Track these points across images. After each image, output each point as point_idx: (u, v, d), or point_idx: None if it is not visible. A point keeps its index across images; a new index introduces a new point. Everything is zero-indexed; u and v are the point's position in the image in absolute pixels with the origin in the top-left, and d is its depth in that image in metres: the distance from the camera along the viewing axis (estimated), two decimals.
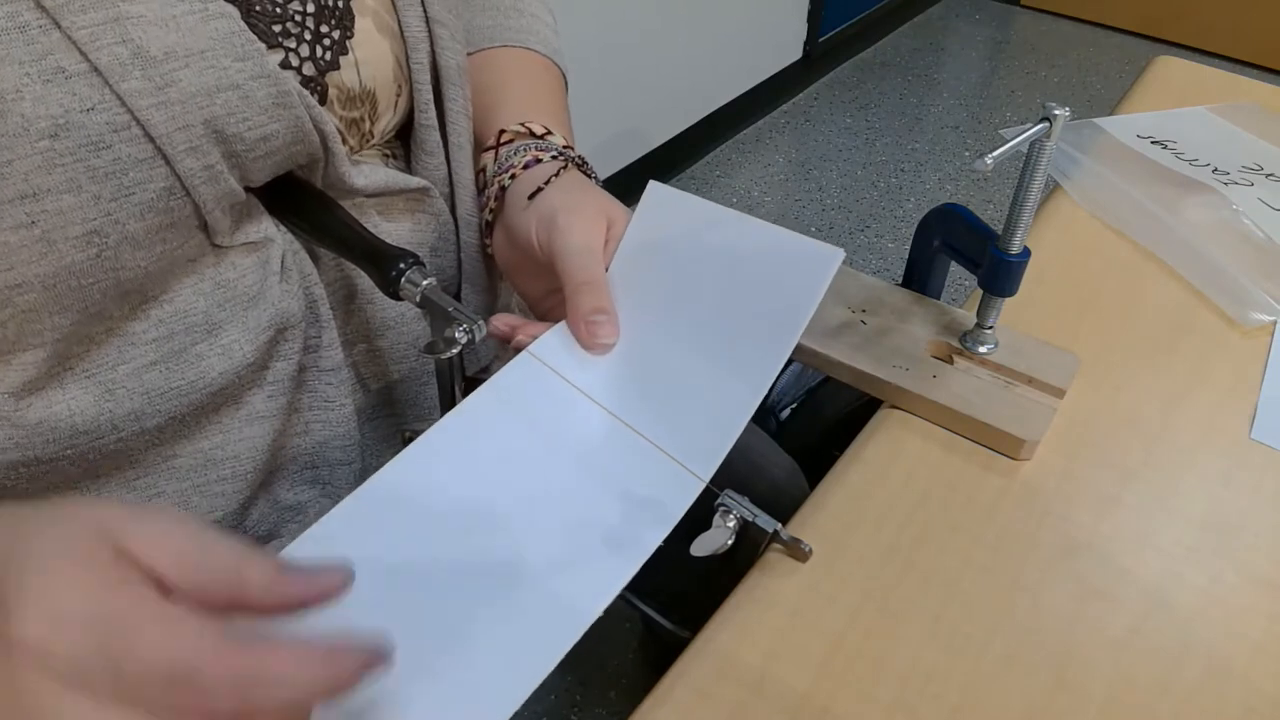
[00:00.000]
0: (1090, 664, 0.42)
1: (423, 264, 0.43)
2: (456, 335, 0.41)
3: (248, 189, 0.42)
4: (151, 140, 0.36)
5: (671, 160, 2.12)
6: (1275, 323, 0.61)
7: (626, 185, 2.00)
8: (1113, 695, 0.41)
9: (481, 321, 0.41)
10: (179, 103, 0.36)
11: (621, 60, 1.86)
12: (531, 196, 0.48)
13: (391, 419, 0.54)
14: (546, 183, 0.48)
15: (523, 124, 0.53)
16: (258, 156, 0.40)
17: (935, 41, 2.81)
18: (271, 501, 0.49)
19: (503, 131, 0.53)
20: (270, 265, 0.43)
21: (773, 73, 2.37)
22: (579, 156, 0.53)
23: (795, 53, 2.44)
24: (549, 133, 0.54)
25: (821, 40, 2.50)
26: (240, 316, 0.43)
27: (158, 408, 0.41)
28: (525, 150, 0.51)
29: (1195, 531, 0.48)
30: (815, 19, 2.43)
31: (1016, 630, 0.43)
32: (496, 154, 0.53)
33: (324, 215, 0.45)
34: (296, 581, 0.28)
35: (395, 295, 0.43)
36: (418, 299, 0.42)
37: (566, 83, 0.63)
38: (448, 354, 0.41)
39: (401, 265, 0.42)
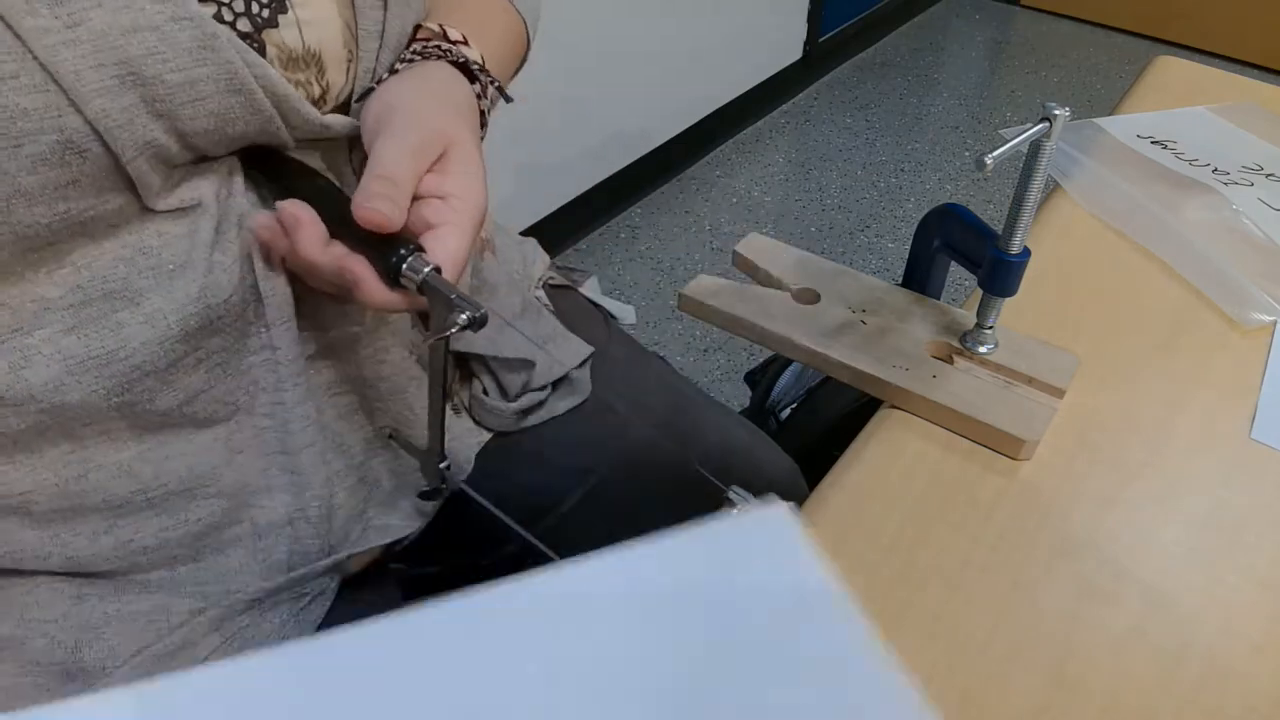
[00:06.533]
0: (1090, 663, 0.42)
1: (423, 250, 0.41)
2: (459, 320, 0.40)
3: (209, 159, 0.40)
4: (47, 91, 0.34)
5: (671, 160, 2.12)
6: (1275, 323, 0.61)
7: (627, 185, 2.00)
8: (1113, 695, 0.41)
9: (485, 309, 0.41)
10: (89, 41, 0.35)
11: (622, 60, 1.86)
12: (391, 70, 0.45)
13: (369, 415, 0.54)
14: (408, 62, 0.45)
15: (440, 25, 0.50)
16: (185, 103, 0.38)
17: (935, 41, 2.81)
18: (236, 489, 0.48)
19: (419, 26, 0.51)
20: (199, 235, 0.42)
21: (773, 73, 2.37)
22: (494, 80, 0.50)
23: (795, 53, 2.44)
24: (465, 42, 0.51)
25: (821, 40, 2.50)
26: (164, 286, 0.41)
27: (78, 379, 0.40)
28: (432, 53, 0.49)
29: (1195, 531, 0.48)
30: (815, 19, 2.42)
31: (1016, 630, 0.43)
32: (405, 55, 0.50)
33: (325, 198, 0.43)
34: None
35: (395, 281, 0.42)
36: (418, 286, 0.41)
37: (530, 40, 0.60)
38: (446, 334, 0.40)
39: (402, 251, 0.41)
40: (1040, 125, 0.46)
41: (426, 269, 0.41)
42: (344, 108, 0.49)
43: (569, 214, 1.86)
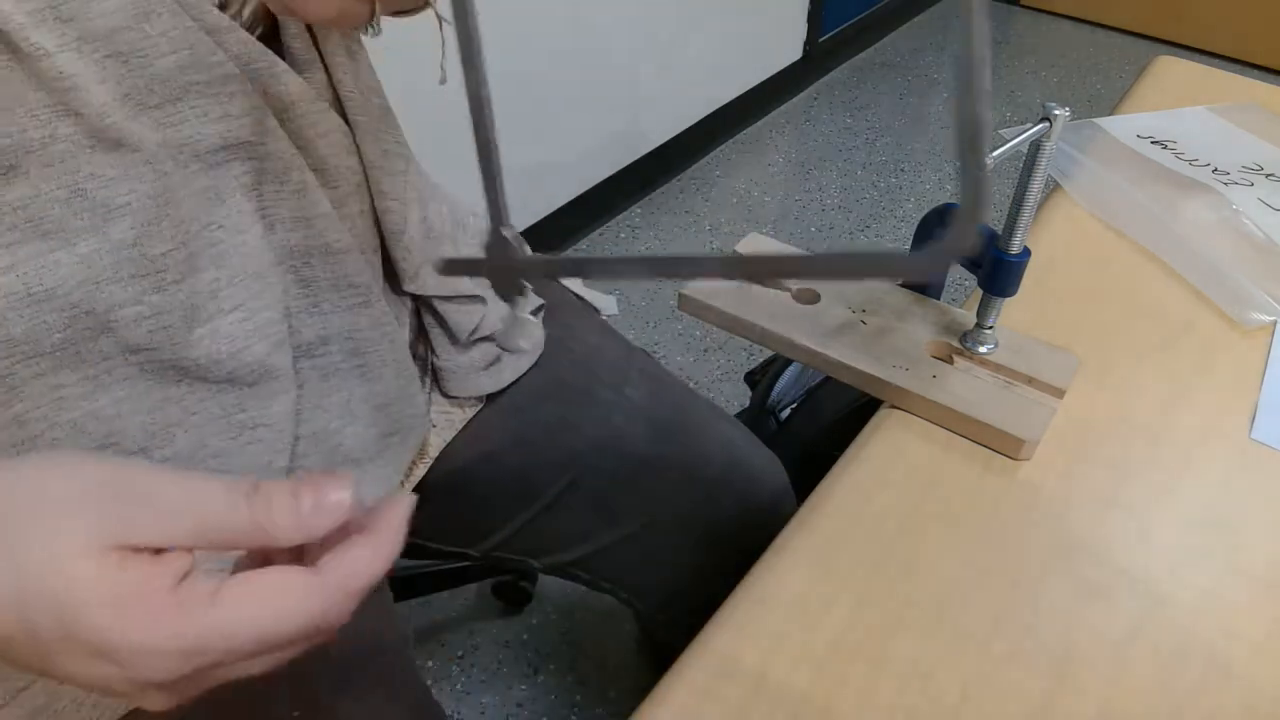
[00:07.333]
0: (1090, 663, 0.42)
1: None
2: None
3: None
4: None
5: (671, 160, 2.11)
6: (1275, 323, 0.61)
7: (627, 185, 2.00)
8: (1112, 695, 0.41)
9: None
10: None
11: (622, 60, 1.86)
12: None
13: (352, 374, 0.53)
14: None
15: None
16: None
17: (935, 41, 2.81)
18: (192, 450, 0.47)
19: None
20: (140, 181, 0.42)
21: (773, 73, 2.37)
22: None
23: (795, 53, 2.44)
24: None
25: (821, 40, 2.50)
26: (100, 227, 0.41)
27: (19, 313, 0.40)
28: None
29: (1195, 531, 0.48)
30: (815, 19, 2.42)
31: (1016, 630, 0.43)
32: None
33: None
34: (317, 517, 0.30)
35: None
36: None
37: None
38: None
39: None
40: (1040, 125, 0.46)
41: None
42: None
43: (569, 214, 1.86)
